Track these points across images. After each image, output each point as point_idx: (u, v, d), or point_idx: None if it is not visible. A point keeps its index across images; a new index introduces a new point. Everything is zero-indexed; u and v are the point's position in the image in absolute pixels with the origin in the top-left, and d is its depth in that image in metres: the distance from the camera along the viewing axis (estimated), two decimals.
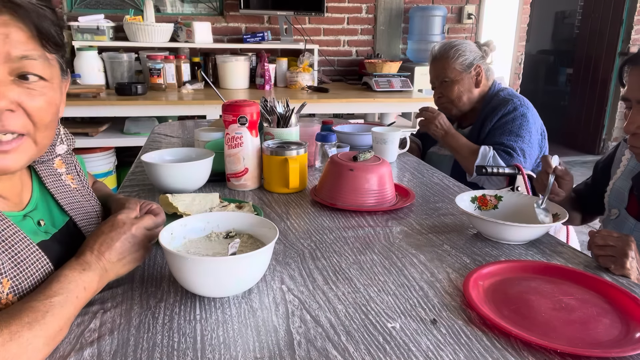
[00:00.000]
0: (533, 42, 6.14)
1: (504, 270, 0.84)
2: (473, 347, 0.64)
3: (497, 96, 1.75)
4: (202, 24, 3.23)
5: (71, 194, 0.81)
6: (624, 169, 1.21)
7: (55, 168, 0.81)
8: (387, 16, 3.77)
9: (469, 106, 1.79)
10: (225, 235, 0.84)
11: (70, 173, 0.84)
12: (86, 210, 0.83)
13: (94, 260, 0.69)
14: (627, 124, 1.06)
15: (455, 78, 1.75)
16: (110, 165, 3.01)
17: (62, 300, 0.61)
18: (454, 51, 1.74)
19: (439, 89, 1.80)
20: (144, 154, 1.28)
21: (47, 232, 0.73)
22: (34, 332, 0.57)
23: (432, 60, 1.81)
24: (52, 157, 0.81)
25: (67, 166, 0.84)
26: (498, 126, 1.68)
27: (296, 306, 0.73)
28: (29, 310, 0.58)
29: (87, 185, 0.87)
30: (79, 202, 0.82)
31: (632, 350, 0.62)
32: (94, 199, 0.88)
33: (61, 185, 0.80)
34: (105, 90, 2.96)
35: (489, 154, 1.61)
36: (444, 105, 1.82)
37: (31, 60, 0.63)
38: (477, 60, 1.75)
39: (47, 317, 0.59)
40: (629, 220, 1.15)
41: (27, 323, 0.56)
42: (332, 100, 2.98)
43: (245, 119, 1.21)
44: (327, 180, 1.18)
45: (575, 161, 4.81)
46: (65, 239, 0.76)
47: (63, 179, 0.82)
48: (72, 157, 0.87)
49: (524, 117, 1.65)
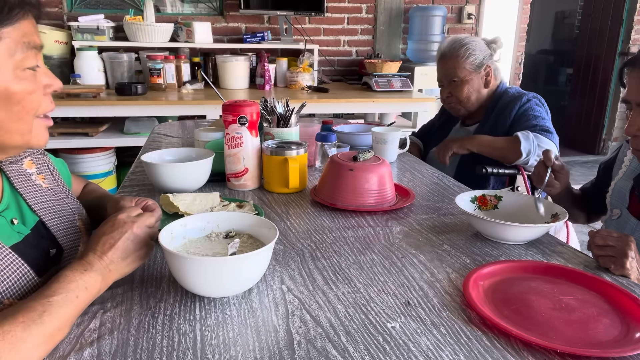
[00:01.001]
0: (533, 42, 6.13)
1: (504, 270, 0.84)
2: (473, 347, 0.64)
3: (507, 93, 1.74)
4: (202, 24, 3.23)
5: (41, 193, 0.81)
6: (626, 169, 1.22)
7: (25, 168, 0.82)
8: (387, 16, 3.77)
9: (477, 106, 1.77)
10: (225, 235, 0.84)
11: (42, 173, 0.85)
12: (58, 209, 0.83)
13: (96, 260, 0.69)
14: (628, 127, 1.06)
15: (465, 78, 1.72)
16: (110, 165, 3.01)
17: (61, 300, 0.61)
18: (464, 50, 1.70)
19: (448, 88, 1.78)
20: (144, 154, 1.29)
21: (19, 232, 0.74)
22: (28, 331, 0.57)
23: (441, 58, 1.77)
24: (21, 158, 0.82)
25: (37, 166, 0.85)
26: (520, 115, 1.66)
27: (296, 306, 0.73)
28: (25, 310, 0.58)
29: (62, 184, 0.87)
30: (49, 202, 0.82)
31: (632, 350, 0.62)
32: (69, 198, 0.87)
33: (30, 185, 0.81)
34: (105, 90, 2.96)
35: (529, 136, 1.57)
36: (452, 105, 1.79)
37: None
38: (487, 60, 1.73)
39: (44, 316, 0.59)
40: (631, 220, 1.15)
41: (21, 322, 0.57)
42: (332, 100, 2.98)
43: (245, 119, 1.21)
44: (327, 180, 1.18)
45: (575, 161, 4.81)
46: (38, 241, 0.76)
47: (33, 179, 0.82)
48: (44, 157, 0.88)
49: (540, 106, 1.66)
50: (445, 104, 1.83)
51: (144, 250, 0.75)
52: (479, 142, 1.64)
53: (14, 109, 0.66)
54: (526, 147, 1.55)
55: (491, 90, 1.77)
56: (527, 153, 1.56)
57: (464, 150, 1.64)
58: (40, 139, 0.72)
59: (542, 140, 1.57)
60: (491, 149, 1.63)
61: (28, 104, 0.67)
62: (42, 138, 0.73)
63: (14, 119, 0.67)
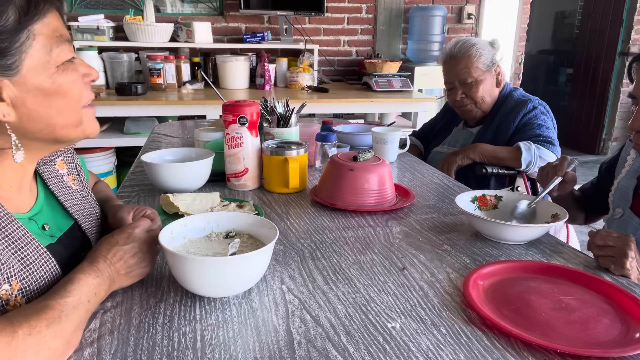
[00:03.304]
0: (533, 42, 6.13)
1: (504, 270, 0.84)
2: (473, 347, 0.64)
3: (511, 97, 1.73)
4: (202, 24, 3.23)
5: (73, 196, 0.81)
6: (629, 168, 1.21)
7: (57, 169, 0.81)
8: (387, 16, 3.76)
9: (490, 107, 1.74)
10: (225, 235, 0.84)
11: (72, 174, 0.84)
12: (88, 212, 0.83)
13: (106, 268, 0.70)
14: (632, 122, 1.04)
15: (479, 78, 1.68)
16: (110, 165, 3.01)
17: (75, 302, 0.62)
18: (475, 49, 1.67)
19: (461, 90, 1.72)
20: (144, 154, 1.28)
21: (52, 235, 0.73)
22: (51, 329, 0.57)
23: (450, 59, 1.72)
24: (53, 158, 0.81)
25: (68, 166, 0.84)
26: (524, 123, 1.65)
27: (296, 306, 0.73)
28: (46, 308, 0.58)
29: (87, 185, 0.87)
30: (81, 204, 0.82)
31: (632, 350, 0.62)
32: (93, 199, 0.88)
33: (64, 187, 0.80)
34: (105, 90, 2.96)
35: (531, 147, 1.57)
36: (467, 107, 1.74)
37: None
38: (494, 59, 1.72)
39: (62, 316, 0.59)
40: (634, 219, 1.14)
41: (44, 320, 0.57)
42: (332, 100, 2.98)
43: (245, 119, 1.21)
44: (327, 180, 1.18)
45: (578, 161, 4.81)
46: (70, 243, 0.76)
47: (65, 180, 0.82)
48: (74, 156, 0.88)
49: (545, 114, 1.66)
50: (457, 106, 1.77)
51: (148, 268, 0.77)
52: (481, 151, 1.64)
53: (62, 102, 0.67)
54: (527, 159, 1.56)
55: (498, 91, 1.76)
56: (528, 164, 1.57)
57: (468, 160, 1.65)
58: (93, 127, 0.73)
59: (544, 152, 1.58)
60: (493, 158, 1.64)
61: (74, 96, 0.68)
62: (94, 126, 0.74)
63: (65, 113, 0.67)
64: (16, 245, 0.63)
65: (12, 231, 0.64)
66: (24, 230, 0.65)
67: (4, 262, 0.60)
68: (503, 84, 1.76)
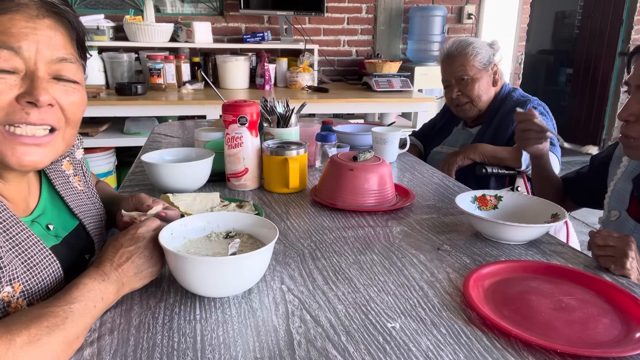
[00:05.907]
0: (533, 42, 6.13)
1: (504, 270, 0.84)
2: (473, 347, 0.64)
3: (510, 97, 1.73)
4: (202, 24, 3.23)
5: (79, 196, 0.81)
6: (625, 169, 1.20)
7: (64, 169, 0.81)
8: (387, 16, 3.77)
9: (486, 106, 1.75)
10: (225, 235, 0.84)
11: (77, 175, 0.84)
12: (92, 213, 0.83)
13: (112, 271, 0.68)
14: (621, 111, 1.03)
15: (475, 76, 1.70)
16: (110, 165, 3.01)
17: (81, 308, 0.60)
18: (471, 48, 1.69)
19: (457, 87, 1.74)
20: (144, 154, 1.28)
21: (57, 236, 0.73)
22: (52, 336, 0.55)
23: (447, 57, 1.75)
24: (60, 158, 0.81)
25: (74, 167, 0.84)
26: None
27: (296, 306, 0.73)
28: (48, 315, 0.57)
29: (92, 186, 0.87)
30: (86, 205, 0.82)
31: (632, 350, 0.62)
32: (98, 201, 0.87)
33: (70, 187, 0.80)
34: (105, 90, 2.96)
35: None
36: (462, 105, 1.75)
37: (69, 63, 0.67)
38: (492, 59, 1.73)
39: (66, 322, 0.58)
40: (629, 222, 1.14)
41: (46, 327, 0.55)
42: (332, 100, 2.98)
43: (245, 119, 1.21)
44: (327, 180, 1.18)
45: (575, 161, 4.80)
46: (75, 243, 0.76)
47: (71, 181, 0.81)
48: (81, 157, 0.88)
49: (544, 115, 1.66)
50: (453, 104, 1.79)
51: (157, 267, 0.75)
52: (481, 151, 1.64)
53: None
54: (526, 160, 1.57)
55: (496, 90, 1.77)
56: (528, 164, 1.57)
57: (468, 160, 1.65)
58: (12, 157, 0.62)
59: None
60: (493, 158, 1.64)
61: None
62: (16, 155, 0.62)
63: None
64: (20, 247, 0.63)
65: (17, 233, 0.63)
66: (28, 232, 0.65)
67: (7, 264, 0.60)
68: (500, 83, 1.77)
